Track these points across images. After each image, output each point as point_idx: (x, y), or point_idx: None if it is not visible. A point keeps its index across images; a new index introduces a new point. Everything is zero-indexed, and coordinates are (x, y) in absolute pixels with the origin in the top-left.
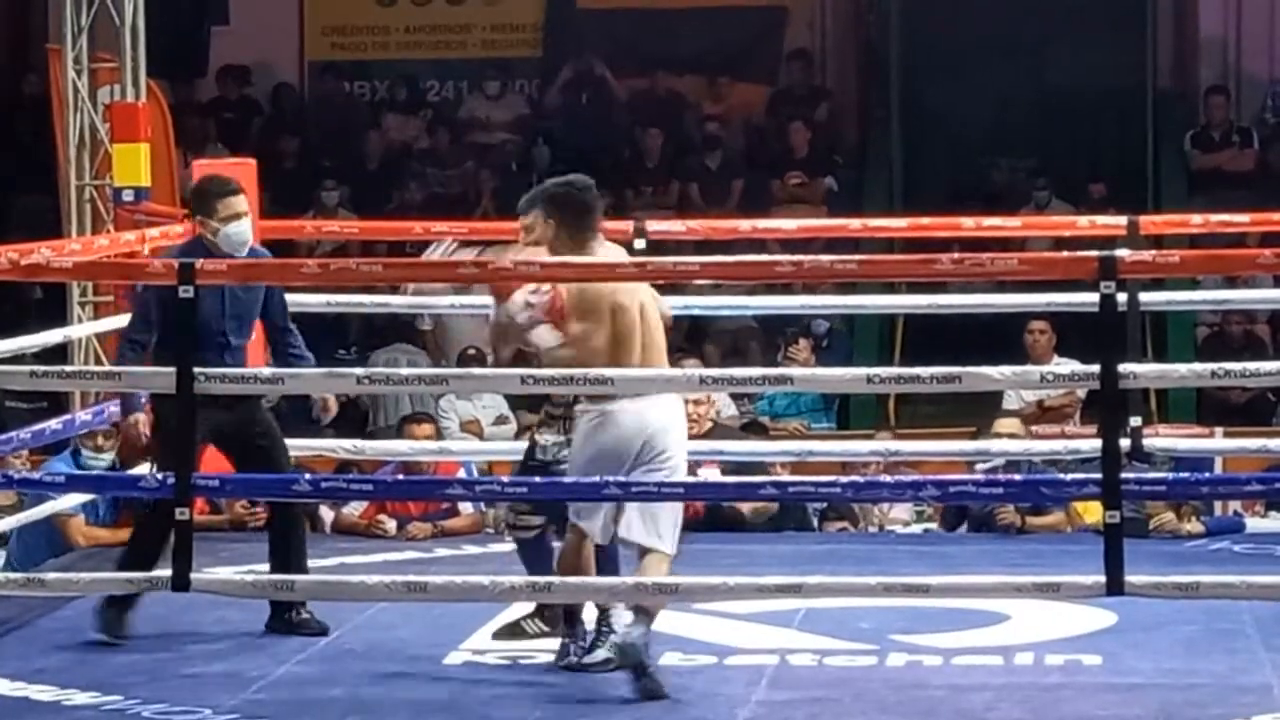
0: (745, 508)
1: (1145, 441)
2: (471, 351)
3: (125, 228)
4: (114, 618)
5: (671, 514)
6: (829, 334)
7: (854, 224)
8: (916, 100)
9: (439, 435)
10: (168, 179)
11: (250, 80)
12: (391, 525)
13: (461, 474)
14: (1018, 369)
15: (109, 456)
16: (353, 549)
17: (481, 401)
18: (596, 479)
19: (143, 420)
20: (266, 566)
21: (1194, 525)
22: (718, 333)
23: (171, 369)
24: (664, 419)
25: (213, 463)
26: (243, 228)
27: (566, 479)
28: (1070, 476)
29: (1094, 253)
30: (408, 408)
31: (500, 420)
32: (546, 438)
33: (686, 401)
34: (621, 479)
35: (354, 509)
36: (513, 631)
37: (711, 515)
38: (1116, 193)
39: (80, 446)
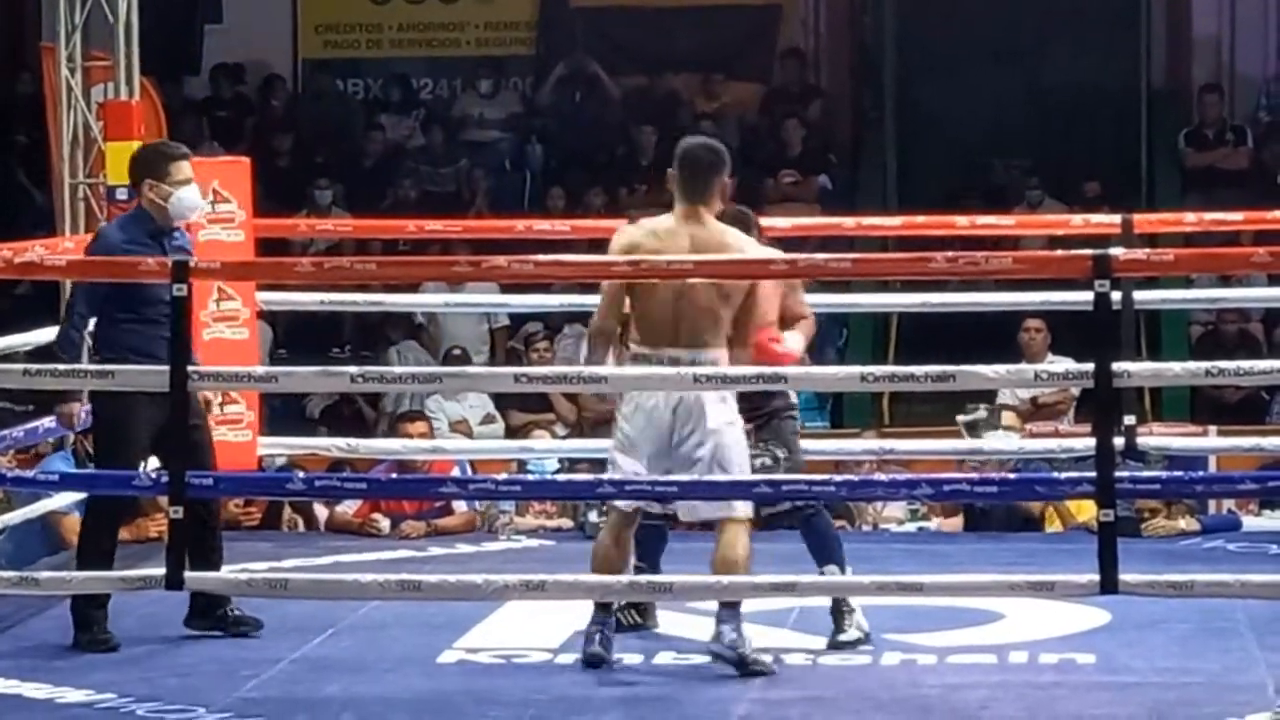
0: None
1: (1139, 440)
2: (456, 351)
3: None
4: (97, 625)
5: (737, 472)
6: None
7: (848, 223)
8: (910, 99)
9: (433, 433)
10: None
11: (244, 78)
12: (385, 524)
13: (456, 473)
14: (1012, 367)
15: None
16: (346, 547)
17: (468, 401)
18: (592, 478)
19: (76, 408)
20: (261, 565)
21: (1189, 522)
22: None
23: (164, 367)
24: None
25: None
26: (194, 192)
27: (562, 477)
28: (1064, 475)
29: (1088, 251)
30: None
31: (487, 419)
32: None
33: None
34: (616, 478)
35: (347, 507)
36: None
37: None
38: (1111, 192)
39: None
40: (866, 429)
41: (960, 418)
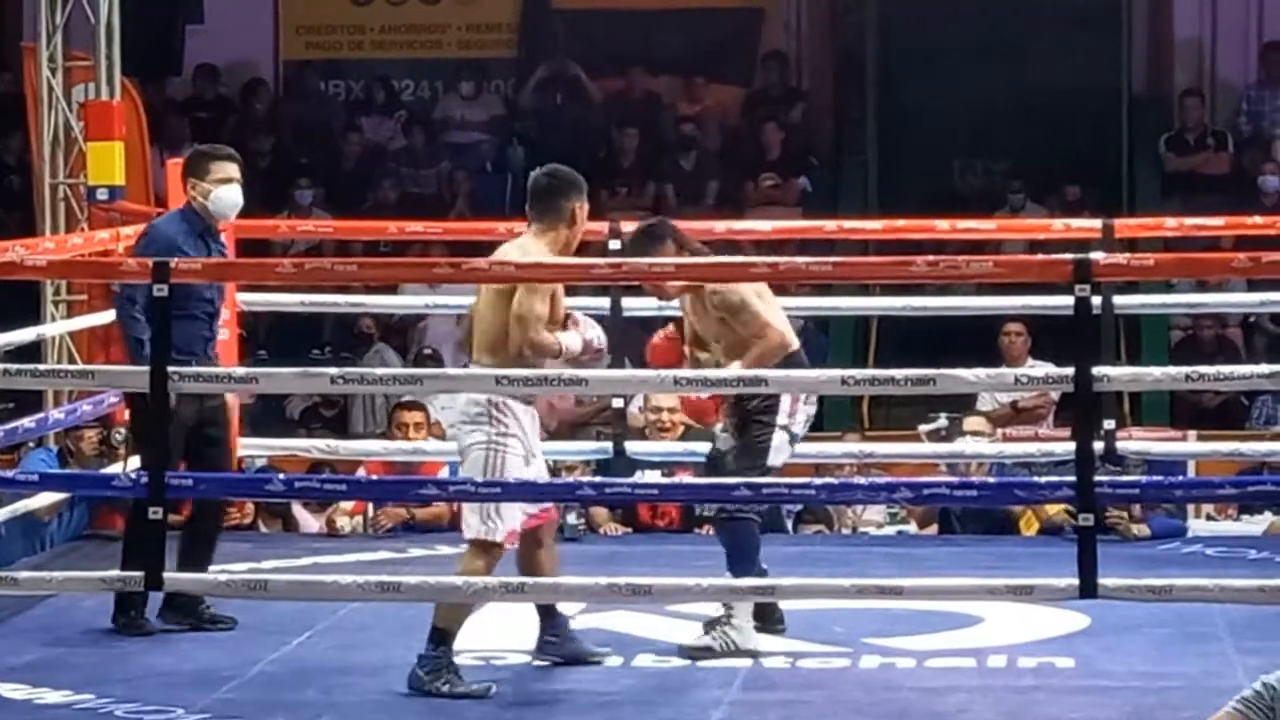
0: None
1: (1119, 444)
2: (428, 352)
3: (99, 226)
4: (136, 609)
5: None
6: (803, 332)
7: (829, 225)
8: (892, 102)
9: (428, 422)
10: (142, 178)
11: (224, 79)
12: (345, 523)
13: (445, 473)
14: (992, 371)
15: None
16: (325, 549)
17: (439, 403)
18: (571, 480)
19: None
20: (241, 566)
21: (1140, 529)
22: None
23: (144, 368)
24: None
25: None
26: (234, 192)
27: (542, 480)
28: (1044, 479)
29: (1069, 255)
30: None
31: None
32: (718, 427)
33: (662, 409)
34: (597, 480)
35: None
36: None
37: (687, 517)
38: (1091, 196)
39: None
40: (847, 432)
41: (922, 427)
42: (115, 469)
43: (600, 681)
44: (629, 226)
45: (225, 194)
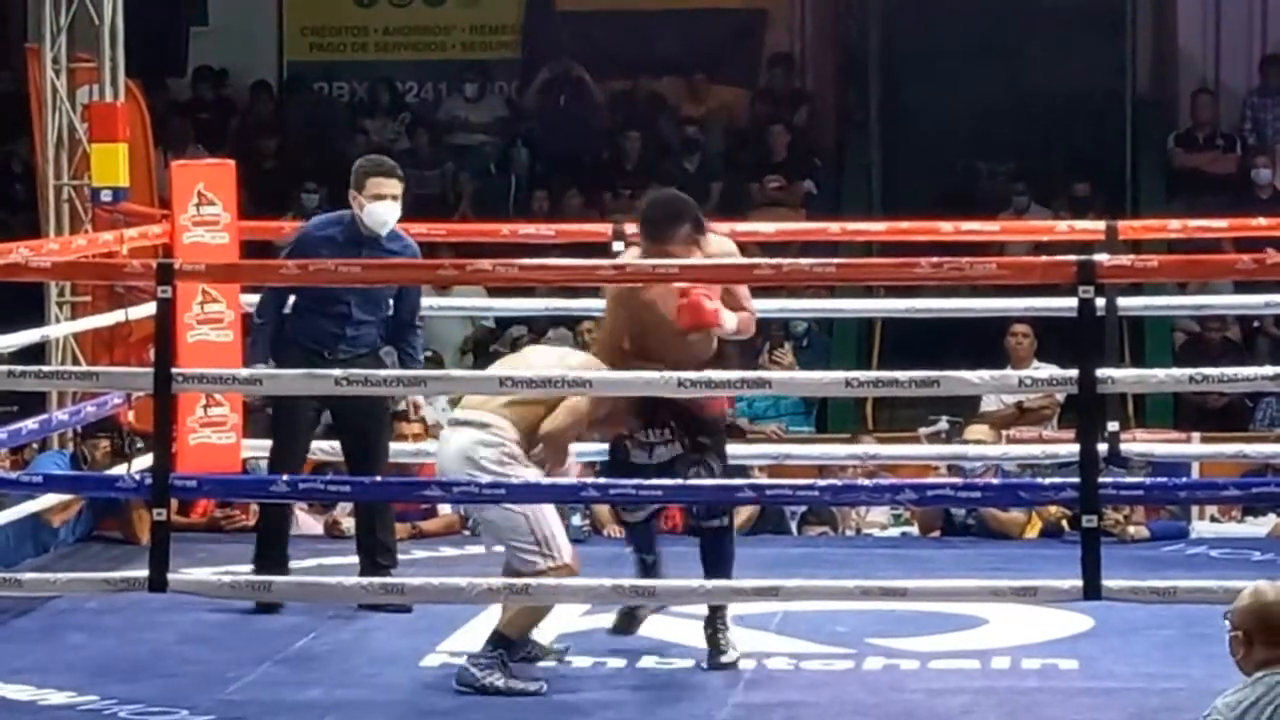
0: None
1: (1123, 446)
2: (429, 354)
3: (103, 228)
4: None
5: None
6: (808, 334)
7: (833, 227)
8: (896, 104)
9: (427, 433)
10: (146, 179)
11: (228, 81)
12: (349, 524)
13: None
14: (996, 373)
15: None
16: (330, 550)
17: (439, 404)
18: (575, 481)
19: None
20: (245, 567)
21: (1139, 530)
22: None
23: (148, 371)
24: (447, 456)
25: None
26: (384, 209)
27: (546, 480)
28: (1048, 481)
29: (1072, 257)
30: None
31: None
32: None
33: None
34: (600, 481)
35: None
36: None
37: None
38: (1095, 197)
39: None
40: (856, 434)
41: (922, 430)
42: (120, 470)
43: (605, 682)
44: (632, 228)
45: (374, 209)
